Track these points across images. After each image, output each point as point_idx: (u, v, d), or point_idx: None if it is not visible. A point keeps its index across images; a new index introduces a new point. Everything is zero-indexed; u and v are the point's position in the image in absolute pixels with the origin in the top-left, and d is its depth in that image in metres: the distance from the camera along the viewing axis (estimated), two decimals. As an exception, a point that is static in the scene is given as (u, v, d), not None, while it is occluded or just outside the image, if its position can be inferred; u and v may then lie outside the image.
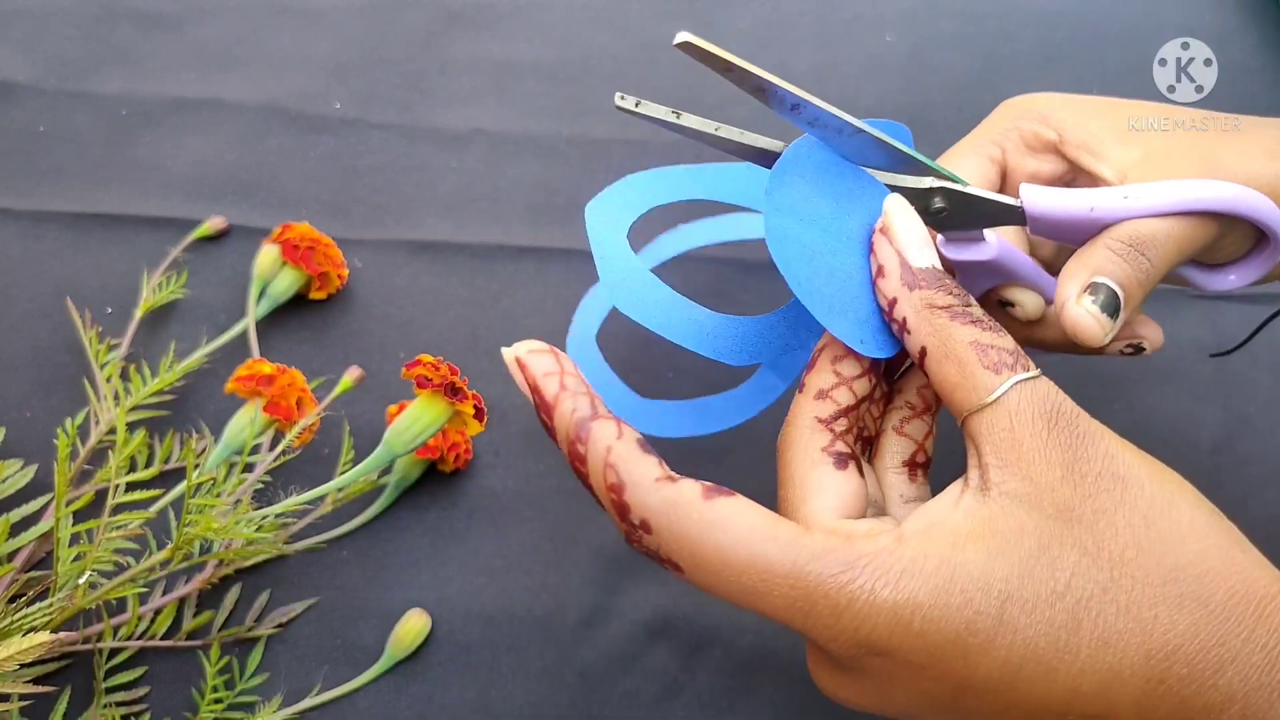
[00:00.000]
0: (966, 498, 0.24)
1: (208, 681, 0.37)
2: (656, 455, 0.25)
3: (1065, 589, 0.23)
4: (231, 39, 0.54)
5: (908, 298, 0.26)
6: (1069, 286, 0.29)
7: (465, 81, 0.53)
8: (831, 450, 0.26)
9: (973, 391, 0.25)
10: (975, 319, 0.25)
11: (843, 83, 0.55)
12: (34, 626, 0.32)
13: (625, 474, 0.24)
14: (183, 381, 0.43)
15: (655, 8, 0.56)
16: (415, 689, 0.38)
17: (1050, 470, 0.23)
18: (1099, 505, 0.23)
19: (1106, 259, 0.29)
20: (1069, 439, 0.24)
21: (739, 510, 0.23)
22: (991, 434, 0.24)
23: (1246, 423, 0.46)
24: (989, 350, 0.25)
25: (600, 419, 0.25)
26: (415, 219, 0.49)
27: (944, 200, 0.29)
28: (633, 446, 0.24)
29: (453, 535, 0.41)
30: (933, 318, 0.25)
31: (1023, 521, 0.23)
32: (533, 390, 0.26)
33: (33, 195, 0.48)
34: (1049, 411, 0.24)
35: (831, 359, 0.27)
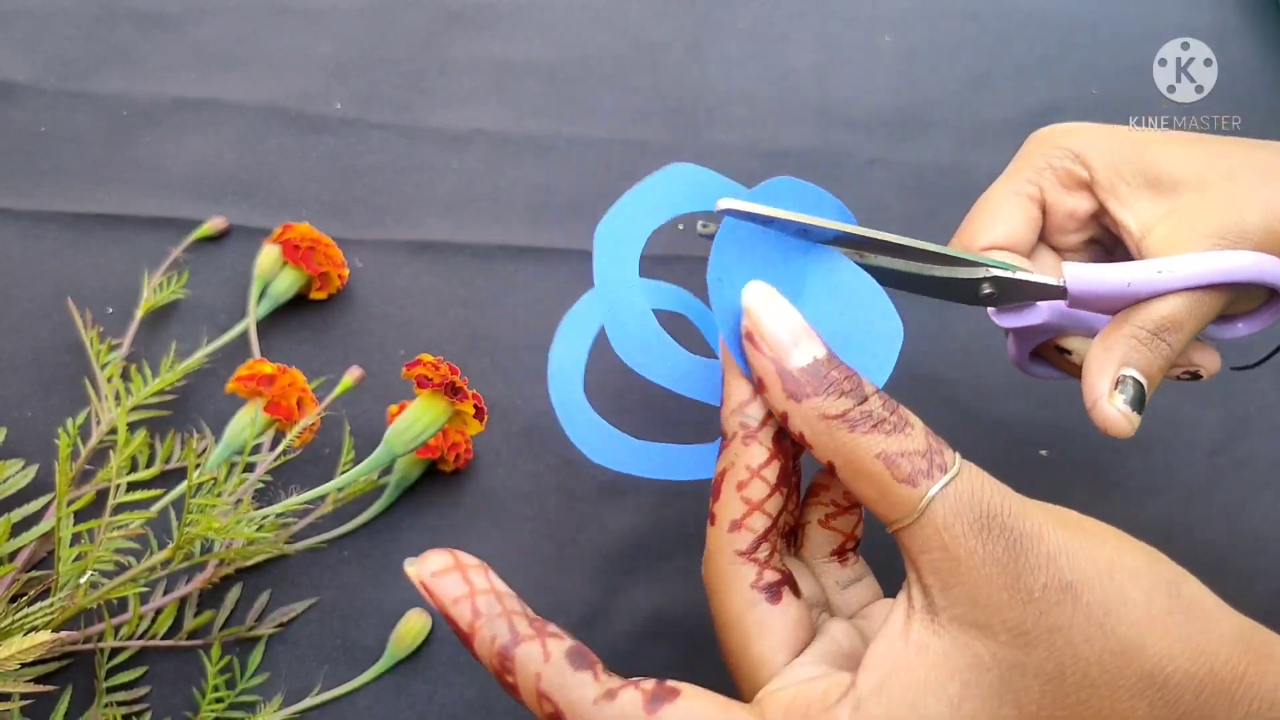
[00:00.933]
0: (915, 626, 0.23)
1: (208, 681, 0.37)
2: (590, 667, 0.23)
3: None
4: (232, 39, 0.54)
5: (797, 411, 0.24)
6: (1099, 384, 0.29)
7: (465, 81, 0.53)
8: (761, 585, 0.25)
9: (893, 508, 0.23)
10: (876, 420, 0.24)
11: (842, 83, 0.55)
12: (35, 626, 0.32)
13: (561, 701, 0.23)
14: (183, 381, 0.43)
15: (655, 8, 0.56)
16: (416, 688, 0.38)
17: (995, 591, 0.22)
18: (1052, 622, 0.22)
19: (1131, 349, 0.29)
20: (1006, 549, 0.22)
21: (687, 716, 0.22)
22: (926, 552, 0.23)
23: (1246, 423, 0.46)
24: (899, 460, 0.23)
25: (523, 642, 0.23)
26: (415, 219, 0.49)
27: (993, 287, 0.30)
28: (563, 667, 0.23)
29: (453, 535, 0.41)
30: (831, 432, 0.24)
31: (979, 654, 0.22)
32: (445, 618, 0.24)
33: (33, 195, 0.48)
34: (979, 518, 0.23)
35: (736, 485, 0.26)
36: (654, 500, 0.42)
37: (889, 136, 0.53)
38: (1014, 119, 0.54)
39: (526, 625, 0.24)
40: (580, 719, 0.22)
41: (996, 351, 0.47)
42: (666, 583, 0.41)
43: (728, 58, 0.55)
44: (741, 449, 0.26)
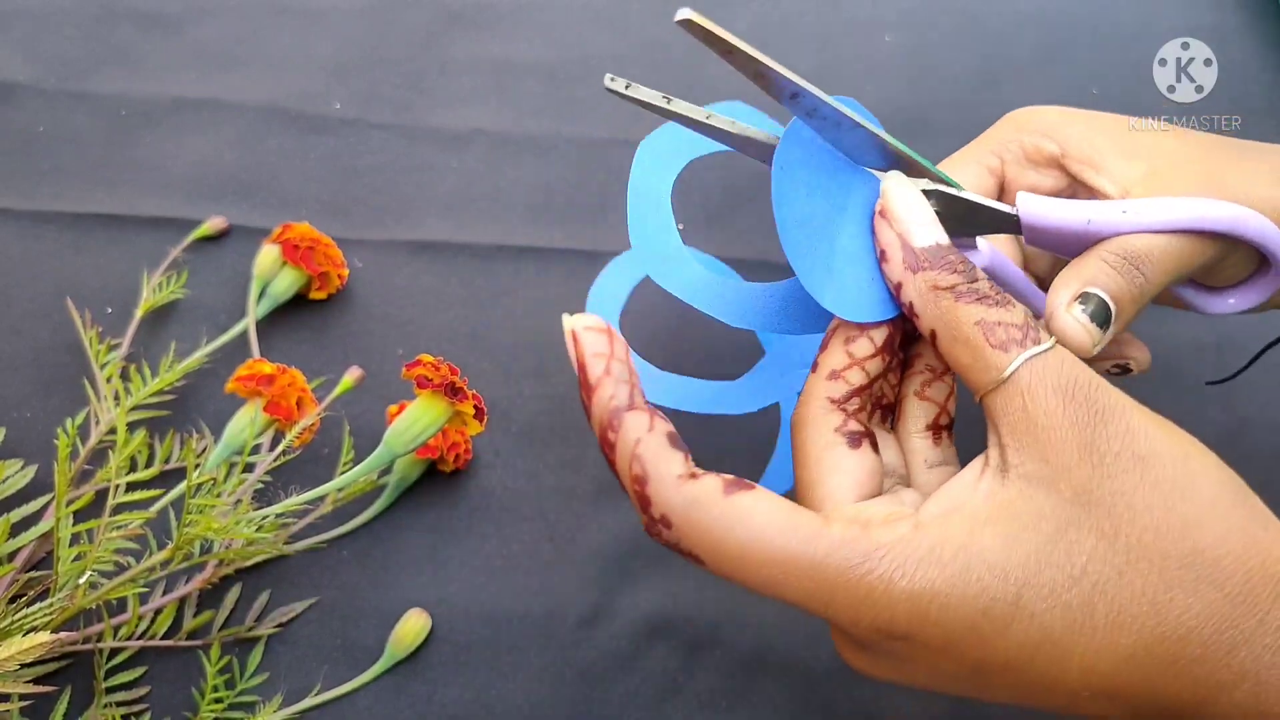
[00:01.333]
0: (985, 479, 0.24)
1: (208, 681, 0.37)
2: (684, 451, 0.25)
3: (1081, 574, 0.23)
4: (231, 39, 0.54)
5: (912, 281, 0.26)
6: (1060, 294, 0.29)
7: (465, 81, 0.53)
8: (844, 430, 0.26)
9: (984, 372, 0.24)
10: (981, 295, 0.25)
11: (842, 83, 0.55)
12: (34, 626, 0.32)
13: (650, 468, 0.24)
14: (183, 381, 0.43)
15: (655, 8, 0.56)
16: (415, 688, 0.38)
17: (1067, 451, 0.23)
18: (1117, 486, 0.23)
19: (1100, 270, 0.29)
20: (1086, 416, 0.23)
21: (758, 504, 0.24)
22: (1007, 414, 0.24)
23: (1246, 423, 0.46)
24: (995, 328, 0.24)
25: (635, 410, 0.25)
26: (415, 219, 0.49)
27: (938, 204, 0.28)
28: (662, 441, 0.24)
29: (453, 535, 0.41)
30: (938, 300, 0.25)
31: (1040, 505, 0.23)
32: (579, 367, 0.26)
33: (33, 195, 0.48)
34: (1063, 387, 0.24)
35: (844, 340, 0.27)
36: (654, 500, 0.42)
37: (889, 136, 0.53)
38: (1014, 119, 0.54)
39: (642, 400, 0.25)
40: (663, 487, 0.24)
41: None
42: (666, 583, 0.40)
43: (728, 58, 0.55)
44: None
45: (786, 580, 0.23)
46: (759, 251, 0.48)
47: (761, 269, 0.47)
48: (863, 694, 0.39)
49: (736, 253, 0.48)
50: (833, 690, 0.39)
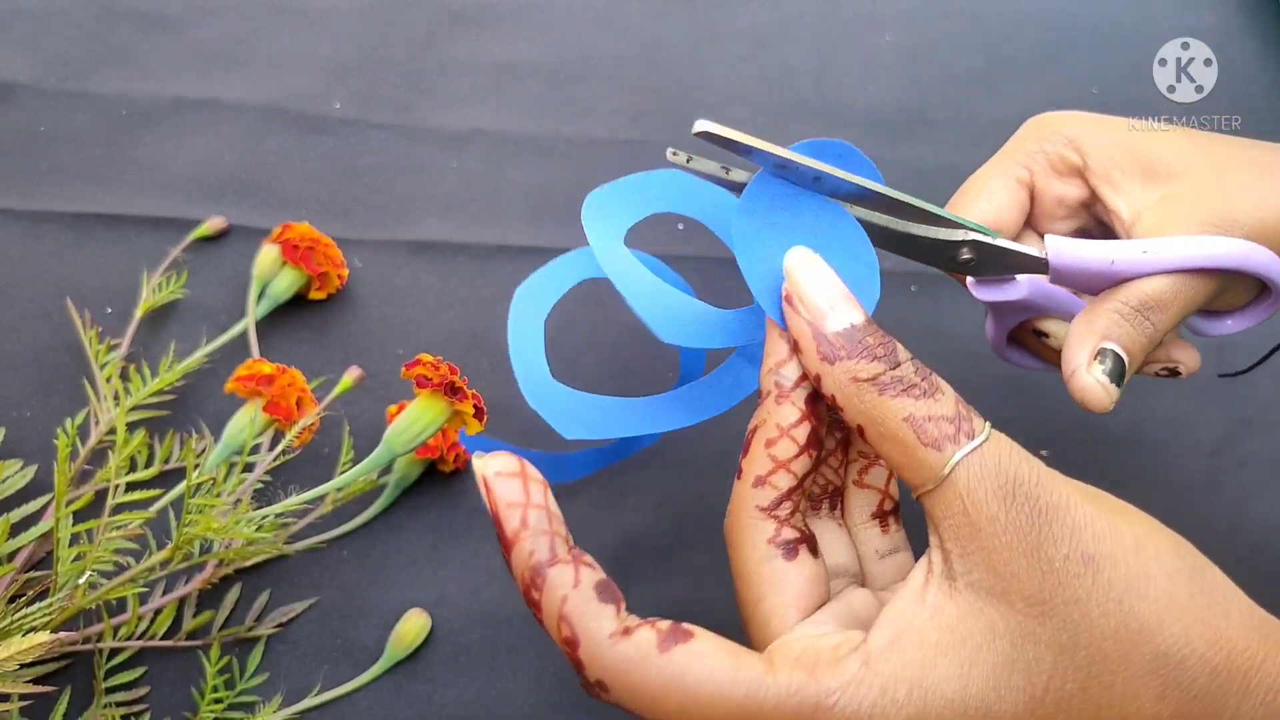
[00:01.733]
0: (932, 590, 0.23)
1: (208, 681, 0.37)
2: (615, 601, 0.23)
3: (1043, 693, 0.22)
4: (231, 39, 0.54)
5: (830, 373, 0.24)
6: (1078, 354, 0.29)
7: (465, 82, 0.53)
8: (778, 541, 0.25)
9: (918, 472, 0.23)
10: (907, 385, 0.24)
11: (842, 83, 0.55)
12: (34, 626, 0.32)
13: (580, 629, 0.23)
14: (183, 381, 0.43)
15: (655, 8, 0.56)
16: (415, 688, 0.38)
17: (1014, 558, 0.22)
18: (1070, 594, 0.22)
19: (1114, 323, 0.29)
20: (1029, 517, 0.22)
21: (697, 658, 0.22)
22: (948, 517, 0.23)
23: (1246, 424, 0.46)
24: (926, 424, 0.23)
25: (557, 564, 0.23)
26: (415, 219, 0.49)
27: (972, 252, 0.29)
28: (590, 596, 0.23)
29: (452, 535, 0.41)
30: (860, 394, 0.24)
31: (993, 620, 0.22)
32: (493, 519, 0.24)
33: (33, 195, 0.48)
34: (1004, 485, 0.22)
35: (764, 442, 0.26)
36: (653, 500, 0.42)
37: (889, 136, 0.53)
38: (1014, 119, 0.54)
39: (565, 550, 0.24)
40: (595, 648, 0.23)
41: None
42: (666, 583, 0.40)
43: (727, 57, 0.55)
44: (774, 407, 0.26)
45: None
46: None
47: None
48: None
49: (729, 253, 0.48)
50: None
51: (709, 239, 0.48)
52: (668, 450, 0.43)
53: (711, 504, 0.42)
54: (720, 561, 0.41)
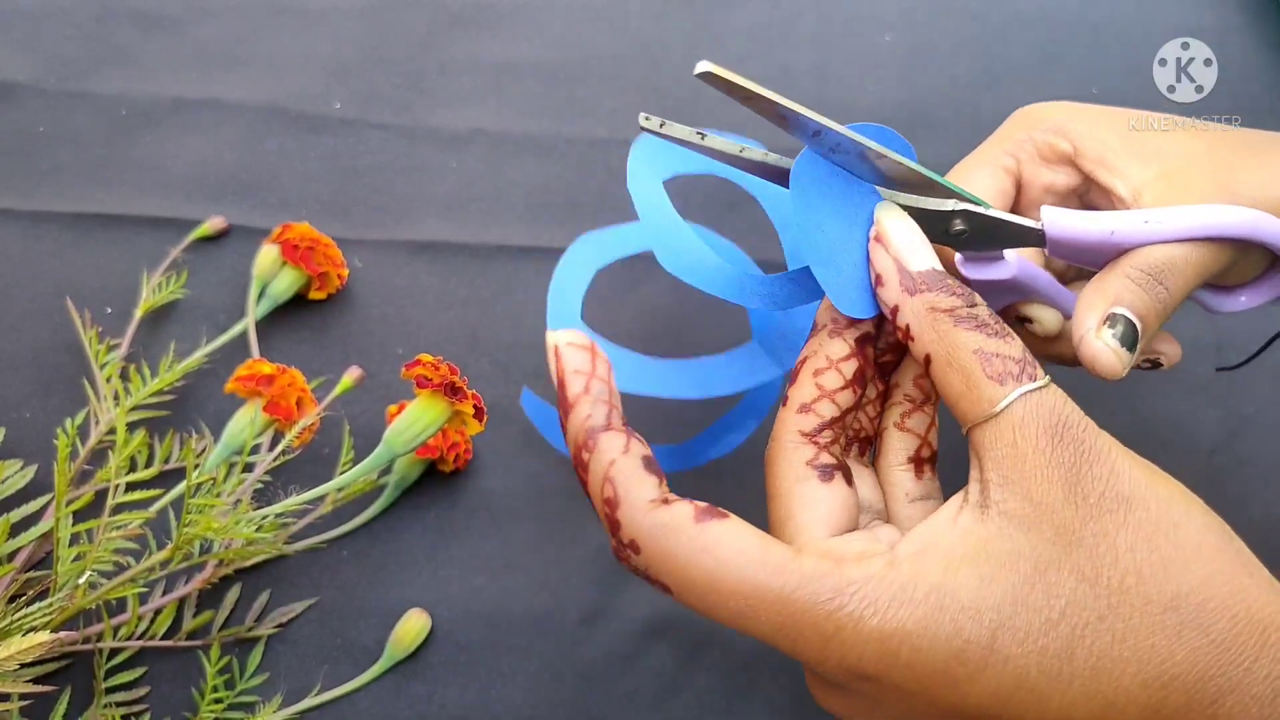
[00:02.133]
0: (964, 515, 0.24)
1: (208, 681, 0.37)
2: (659, 476, 0.24)
3: (1060, 616, 0.22)
4: (231, 39, 0.54)
5: (908, 303, 0.25)
6: (1088, 318, 0.28)
7: (465, 82, 0.53)
8: (816, 464, 0.26)
9: (977, 403, 0.24)
10: (980, 323, 0.25)
11: (842, 82, 0.55)
12: (34, 626, 0.32)
13: (622, 491, 0.24)
14: (183, 381, 0.43)
15: (654, 8, 0.56)
16: (415, 689, 0.38)
17: (1052, 490, 0.23)
18: (1100, 528, 0.23)
19: (1125, 288, 0.29)
20: (1073, 456, 0.23)
21: (729, 533, 0.23)
22: (995, 448, 0.24)
23: (1246, 423, 0.46)
24: (993, 359, 0.24)
25: (611, 430, 0.25)
26: (415, 219, 0.49)
27: (964, 222, 0.29)
28: (635, 464, 0.24)
29: (452, 535, 0.41)
30: (935, 323, 0.25)
31: (1019, 544, 0.23)
32: (558, 384, 0.26)
33: (33, 195, 0.48)
34: (1054, 425, 0.23)
35: (813, 371, 0.27)
36: (654, 500, 0.42)
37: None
38: (1014, 119, 0.54)
39: (620, 421, 0.25)
40: (633, 510, 0.24)
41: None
42: (666, 583, 0.40)
43: (727, 57, 0.55)
44: (826, 339, 0.27)
45: (753, 612, 0.23)
46: (759, 251, 0.48)
47: (763, 267, 0.47)
48: (863, 694, 0.39)
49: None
50: (833, 690, 0.39)
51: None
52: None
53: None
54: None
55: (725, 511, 0.24)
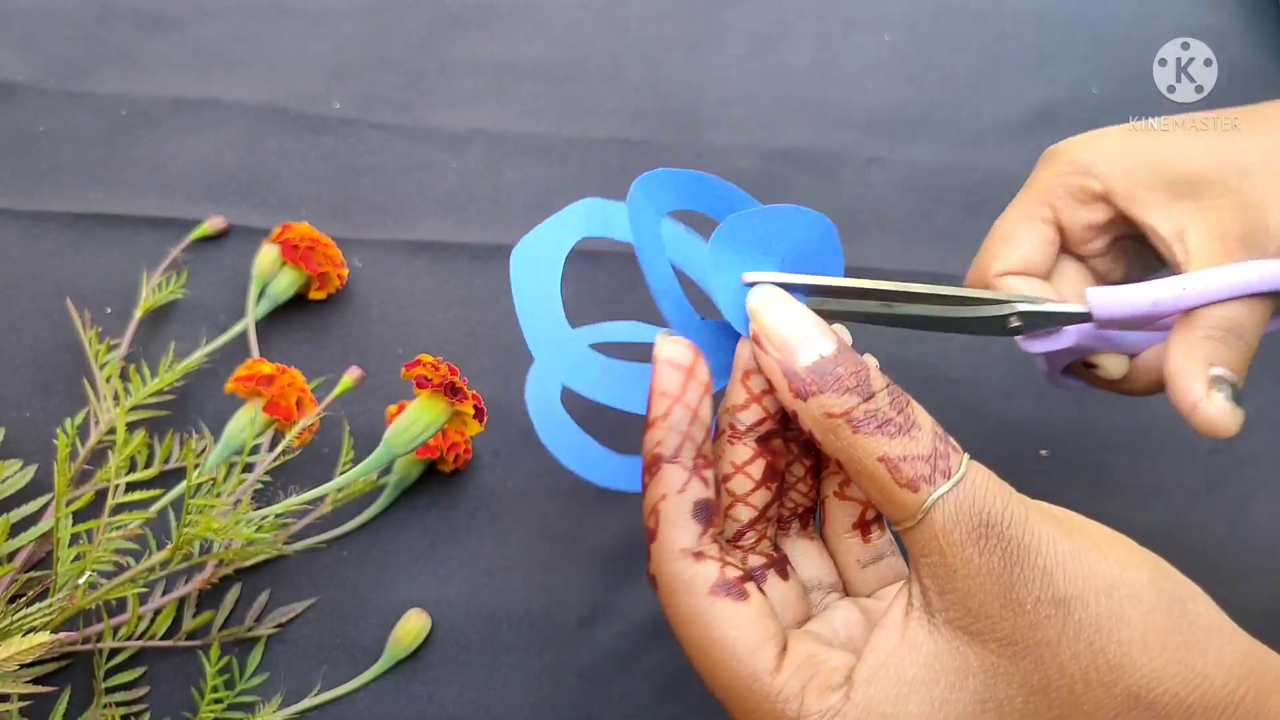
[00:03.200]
0: (913, 624, 0.24)
1: (208, 681, 0.37)
2: (706, 524, 0.25)
3: None
4: (231, 39, 0.54)
5: (804, 410, 0.24)
6: (1193, 387, 0.29)
7: (465, 82, 0.53)
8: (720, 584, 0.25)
9: (895, 510, 0.23)
10: (881, 421, 0.23)
11: (842, 82, 0.55)
12: (34, 626, 0.32)
13: (662, 529, 0.24)
14: (182, 381, 0.43)
15: (654, 7, 0.56)
16: (415, 688, 0.38)
17: (988, 600, 0.22)
18: (1041, 636, 0.22)
19: (1214, 349, 0.29)
20: (1001, 561, 0.22)
21: (734, 619, 0.24)
22: (926, 558, 0.23)
23: (1246, 423, 0.45)
24: (901, 464, 0.23)
25: (675, 465, 0.25)
26: (415, 219, 0.49)
27: (1020, 319, 0.30)
28: (684, 506, 0.25)
29: (452, 535, 0.41)
30: (835, 431, 0.24)
31: (967, 658, 0.22)
32: (648, 397, 0.26)
33: (32, 195, 0.48)
34: (977, 528, 0.22)
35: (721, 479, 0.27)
36: (654, 500, 0.42)
37: (889, 136, 0.53)
38: (1014, 119, 0.54)
39: (690, 456, 0.25)
40: (663, 552, 0.24)
41: (997, 351, 0.47)
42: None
43: (727, 57, 0.55)
44: (728, 447, 0.27)
45: (725, 696, 0.24)
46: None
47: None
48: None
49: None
50: (832, 690, 0.39)
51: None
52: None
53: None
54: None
55: (749, 592, 0.24)
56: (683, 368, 0.25)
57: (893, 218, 0.51)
